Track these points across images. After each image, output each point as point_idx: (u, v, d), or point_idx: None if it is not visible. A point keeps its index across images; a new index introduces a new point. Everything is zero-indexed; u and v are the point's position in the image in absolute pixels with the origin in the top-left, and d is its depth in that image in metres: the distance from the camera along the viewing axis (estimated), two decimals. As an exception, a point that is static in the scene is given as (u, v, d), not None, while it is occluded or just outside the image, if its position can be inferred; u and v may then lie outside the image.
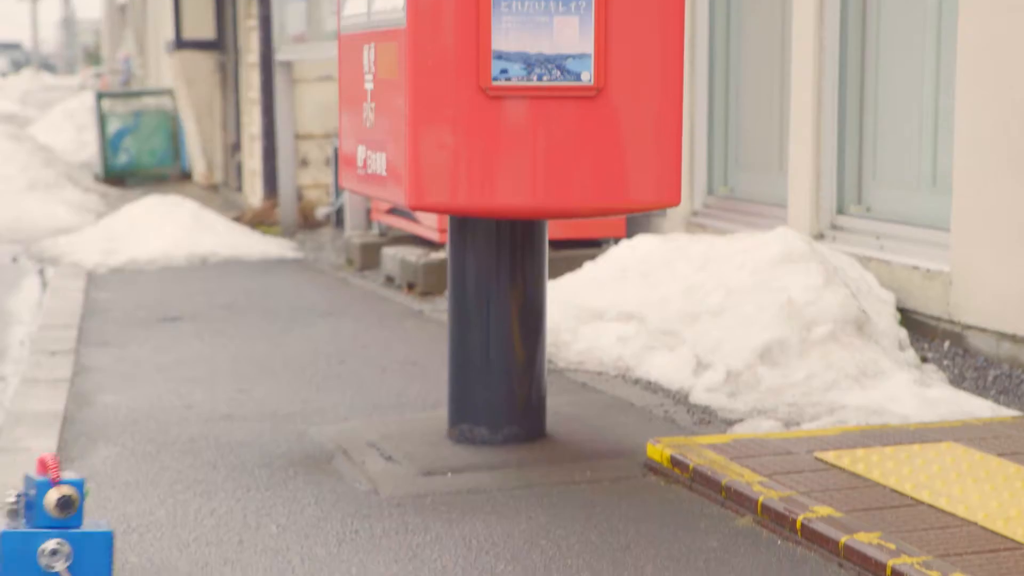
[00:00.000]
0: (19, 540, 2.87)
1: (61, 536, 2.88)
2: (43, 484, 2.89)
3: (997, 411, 5.19)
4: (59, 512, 2.88)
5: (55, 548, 2.87)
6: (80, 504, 2.91)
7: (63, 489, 2.88)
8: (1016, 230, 5.84)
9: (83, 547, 2.89)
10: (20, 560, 2.86)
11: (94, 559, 2.91)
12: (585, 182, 4.44)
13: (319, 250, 10.91)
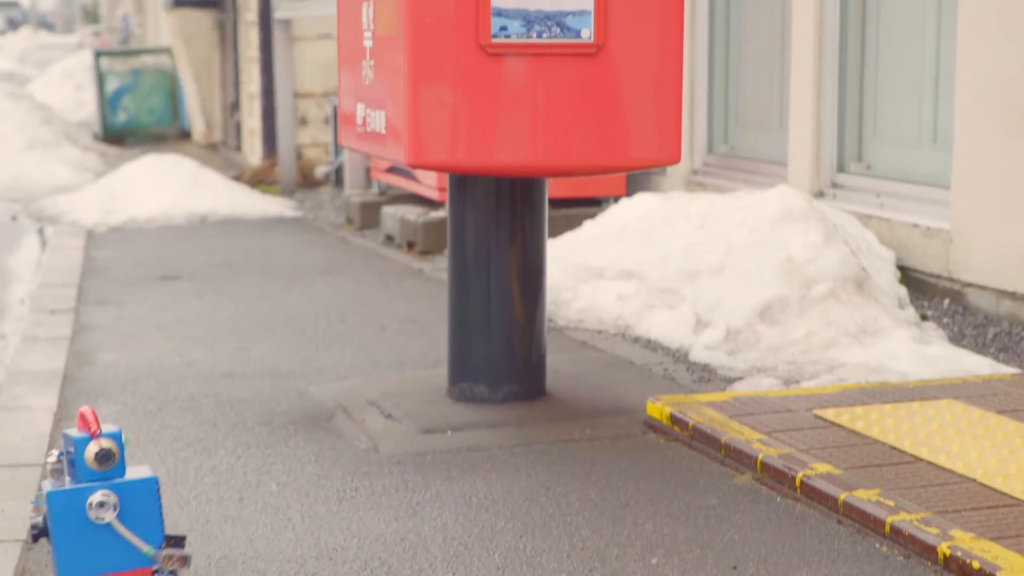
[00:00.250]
0: (66, 497, 2.89)
1: (106, 488, 2.90)
2: (82, 440, 2.91)
3: (996, 368, 5.20)
4: (100, 465, 2.90)
5: (102, 500, 2.89)
6: (120, 455, 2.91)
7: (102, 442, 2.90)
8: (1017, 187, 5.82)
9: (129, 495, 2.92)
10: (69, 517, 2.88)
11: (142, 506, 2.93)
12: (585, 140, 4.42)
13: (318, 209, 10.90)
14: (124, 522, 2.92)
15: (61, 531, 2.89)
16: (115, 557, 2.92)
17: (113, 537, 2.91)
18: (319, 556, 3.41)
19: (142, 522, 2.93)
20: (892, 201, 6.82)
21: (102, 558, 2.91)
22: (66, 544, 2.90)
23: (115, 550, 2.92)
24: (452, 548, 3.46)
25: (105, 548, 2.91)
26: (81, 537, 2.90)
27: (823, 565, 3.30)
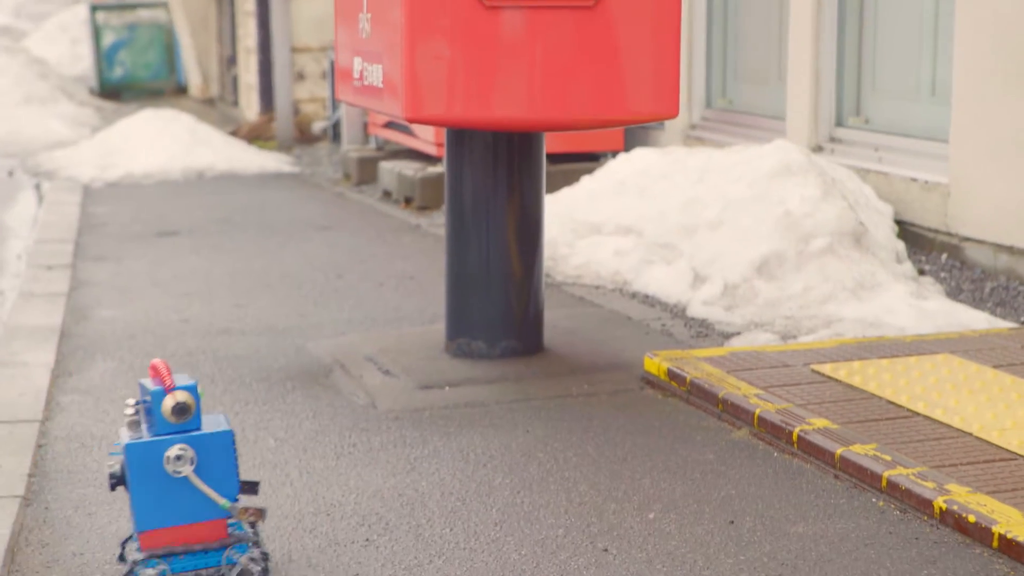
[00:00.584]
0: (143, 449, 2.92)
1: (183, 441, 2.92)
2: (157, 392, 2.93)
3: (993, 323, 5.20)
4: (176, 418, 2.92)
5: (179, 454, 2.91)
6: (196, 407, 2.94)
7: (178, 395, 2.92)
8: (1015, 141, 5.80)
9: (205, 448, 2.94)
10: (147, 469, 2.91)
11: (218, 458, 2.96)
12: (583, 94, 4.40)
13: (316, 164, 10.87)
14: (200, 474, 2.94)
15: (138, 482, 2.92)
16: (191, 508, 2.95)
17: (189, 489, 2.94)
18: (317, 511, 3.42)
19: (218, 474, 2.96)
20: (890, 155, 6.80)
21: (178, 509, 2.95)
22: (143, 495, 2.93)
23: (191, 502, 2.95)
24: (449, 503, 3.47)
25: (181, 499, 2.94)
26: (158, 488, 2.93)
27: (820, 519, 3.31)
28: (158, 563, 2.94)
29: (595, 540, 3.20)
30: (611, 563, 3.07)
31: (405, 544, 3.20)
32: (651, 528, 3.27)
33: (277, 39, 11.97)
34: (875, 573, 2.99)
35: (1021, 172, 5.77)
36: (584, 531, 3.26)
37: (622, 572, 3.02)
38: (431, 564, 3.09)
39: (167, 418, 2.92)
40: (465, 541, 3.22)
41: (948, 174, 6.24)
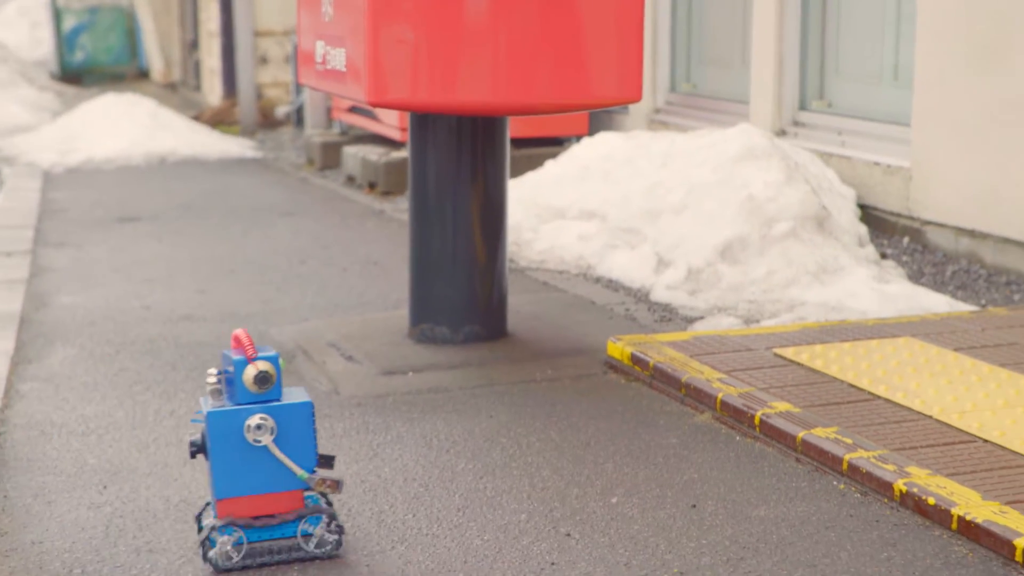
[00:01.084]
0: (224, 418, 2.95)
1: (263, 411, 2.96)
2: (240, 362, 2.95)
3: (954, 306, 5.23)
4: (258, 387, 2.96)
5: (260, 423, 2.95)
6: (277, 378, 2.97)
7: (260, 365, 2.95)
8: (976, 125, 5.83)
9: (285, 418, 2.97)
10: (228, 437, 2.95)
11: (297, 429, 2.99)
12: (546, 78, 4.39)
13: (279, 149, 10.82)
14: (279, 444, 2.97)
15: (219, 450, 2.96)
16: (269, 478, 2.99)
17: (268, 458, 2.97)
18: (279, 498, 3.40)
19: (296, 445, 2.99)
20: (853, 139, 6.82)
21: (257, 478, 2.98)
22: (223, 462, 2.96)
23: (270, 471, 2.98)
24: (412, 489, 3.46)
25: (260, 469, 2.98)
26: (237, 456, 2.96)
27: (781, 503, 3.32)
28: (235, 531, 2.98)
29: (558, 525, 3.21)
30: (573, 547, 3.07)
31: (367, 530, 3.20)
32: (614, 513, 3.28)
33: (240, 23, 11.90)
34: (836, 555, 3.00)
35: (982, 156, 5.80)
36: (547, 516, 3.26)
37: (584, 557, 3.02)
38: (393, 550, 3.08)
39: (248, 387, 2.95)
40: (428, 527, 3.21)
41: (910, 158, 6.27)
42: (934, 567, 2.93)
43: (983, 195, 5.81)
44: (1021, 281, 5.61)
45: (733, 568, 2.95)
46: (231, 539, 2.97)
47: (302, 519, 3.02)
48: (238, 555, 2.98)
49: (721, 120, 7.60)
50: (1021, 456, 3.41)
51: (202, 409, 2.99)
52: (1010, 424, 3.64)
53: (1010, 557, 2.91)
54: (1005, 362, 4.23)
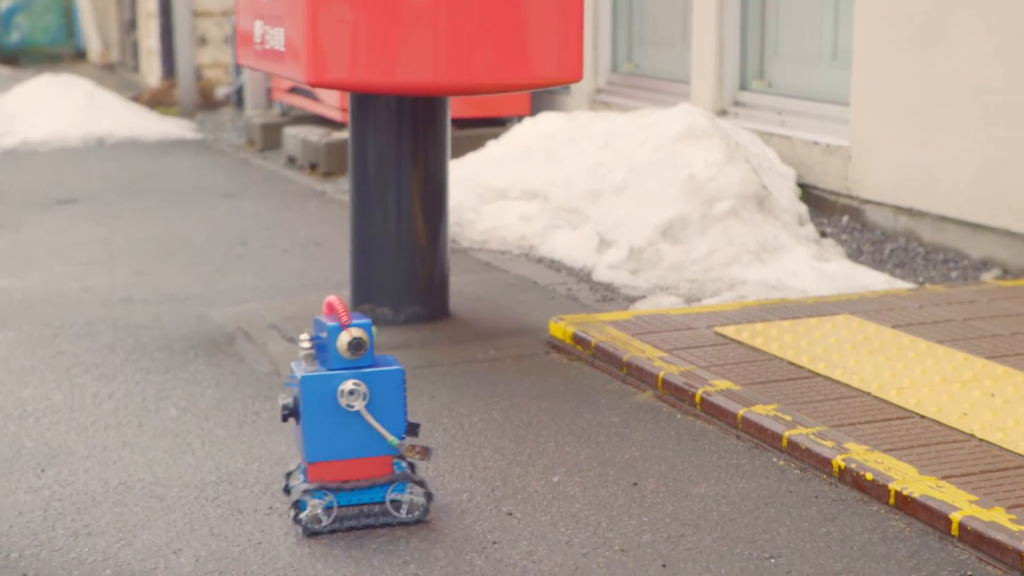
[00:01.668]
0: (318, 382, 3.01)
1: (356, 376, 3.01)
2: (334, 328, 3.01)
3: (892, 284, 5.28)
4: (351, 354, 3.01)
5: (353, 388, 3.00)
6: (370, 345, 3.02)
7: (353, 331, 3.00)
8: (913, 105, 5.88)
9: (377, 385, 3.03)
10: (321, 401, 3.01)
11: (388, 396, 3.04)
12: (487, 57, 4.38)
13: (219, 131, 10.74)
14: (370, 410, 3.02)
15: (311, 414, 3.01)
16: (360, 443, 3.04)
17: (359, 424, 3.02)
18: (219, 480, 3.39)
19: (387, 412, 3.05)
20: (793, 119, 6.86)
21: (347, 443, 3.04)
22: (315, 427, 3.02)
23: (360, 436, 3.04)
24: (354, 470, 3.45)
25: (351, 434, 3.03)
26: (330, 421, 3.02)
27: (721, 480, 3.34)
28: (326, 495, 3.03)
29: (499, 504, 3.21)
30: (515, 526, 3.08)
31: (309, 511, 3.18)
32: (555, 491, 3.28)
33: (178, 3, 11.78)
34: (775, 531, 3.02)
35: (919, 135, 5.85)
36: (489, 495, 3.27)
37: (526, 535, 3.03)
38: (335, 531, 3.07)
39: (342, 353, 3.00)
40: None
41: (849, 137, 6.32)
42: (872, 542, 2.96)
43: (921, 174, 5.86)
44: (958, 259, 5.67)
45: (674, 545, 2.96)
46: (322, 502, 3.02)
47: (391, 485, 3.07)
48: (328, 518, 3.03)
49: (662, 100, 7.62)
50: (957, 431, 3.45)
51: (295, 374, 3.04)
52: (946, 400, 3.68)
53: (946, 531, 2.94)
54: (942, 339, 4.27)
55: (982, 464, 3.22)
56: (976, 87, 5.51)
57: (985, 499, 3.00)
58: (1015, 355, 4.08)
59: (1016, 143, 5.35)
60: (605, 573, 2.83)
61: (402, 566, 2.88)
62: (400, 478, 3.08)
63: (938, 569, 2.81)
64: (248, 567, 2.88)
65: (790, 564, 2.85)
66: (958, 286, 5.00)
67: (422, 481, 3.11)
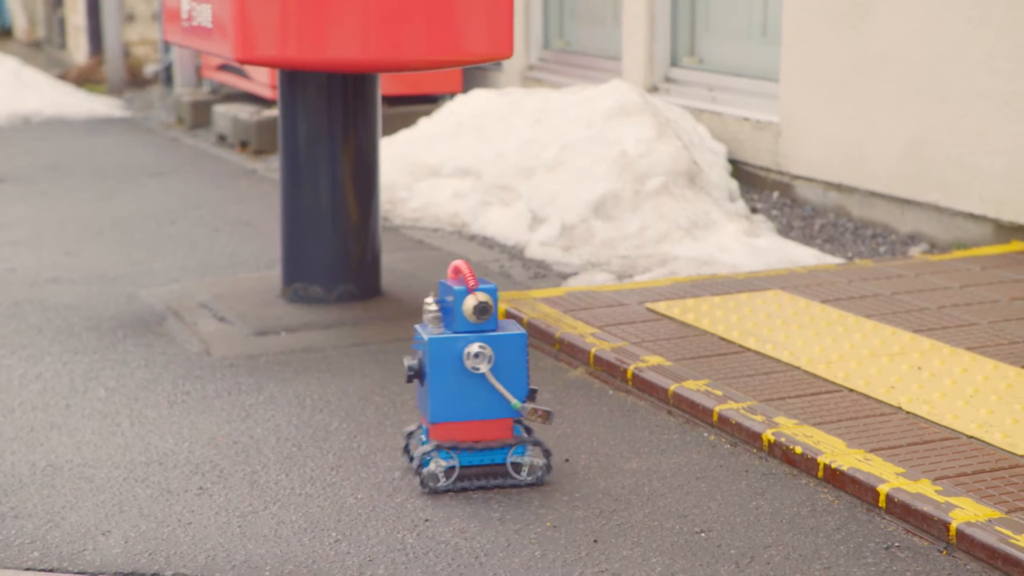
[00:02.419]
0: (445, 344, 3.07)
1: (481, 340, 3.07)
2: (461, 292, 3.07)
3: (822, 259, 5.32)
4: (477, 318, 3.07)
5: (479, 351, 3.06)
6: (494, 309, 3.07)
7: (479, 296, 3.06)
8: (841, 81, 5.92)
9: (501, 348, 3.09)
10: (447, 363, 3.07)
11: (511, 359, 3.10)
12: (416, 34, 4.36)
13: (148, 108, 10.62)
14: (494, 373, 3.08)
15: (437, 375, 3.08)
16: (483, 405, 3.11)
17: (483, 386, 3.10)
18: (149, 461, 3.36)
19: (510, 375, 3.11)
20: (723, 95, 6.89)
21: (471, 405, 3.11)
22: (441, 387, 3.09)
23: (484, 399, 3.11)
24: (285, 449, 3.43)
25: (475, 396, 3.11)
26: (455, 383, 3.09)
27: (653, 455, 3.36)
28: (450, 454, 3.10)
29: (432, 482, 3.21)
30: (448, 504, 3.08)
31: (240, 491, 3.17)
32: (488, 468, 3.29)
33: (105, -21, 11.63)
34: (706, 506, 3.04)
35: (849, 111, 5.90)
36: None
37: (458, 513, 3.03)
38: (266, 510, 3.06)
39: (467, 317, 3.07)
40: (301, 486, 3.19)
41: (779, 113, 6.35)
42: (801, 515, 2.99)
43: (849, 149, 5.91)
44: (887, 233, 5.73)
45: (606, 520, 2.97)
46: (446, 463, 3.10)
47: (512, 447, 3.13)
48: (450, 478, 3.11)
49: (594, 77, 7.63)
50: (885, 404, 3.49)
51: (421, 336, 3.11)
52: (874, 373, 3.72)
53: (874, 503, 2.98)
54: (870, 313, 4.32)
55: (909, 436, 3.26)
56: (904, 63, 5.57)
57: (912, 471, 3.04)
58: (942, 329, 4.13)
59: (944, 119, 5.41)
60: (537, 549, 2.84)
61: (334, 544, 2.87)
62: (520, 441, 3.14)
63: (866, 541, 2.85)
64: (177, 547, 2.86)
65: (720, 538, 2.88)
66: (886, 261, 5.05)
67: (541, 443, 3.16)
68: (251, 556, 2.83)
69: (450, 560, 2.79)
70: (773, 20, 6.58)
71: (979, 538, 2.71)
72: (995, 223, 5.26)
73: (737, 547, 2.83)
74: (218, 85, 9.66)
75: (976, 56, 5.22)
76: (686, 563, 2.76)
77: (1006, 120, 5.13)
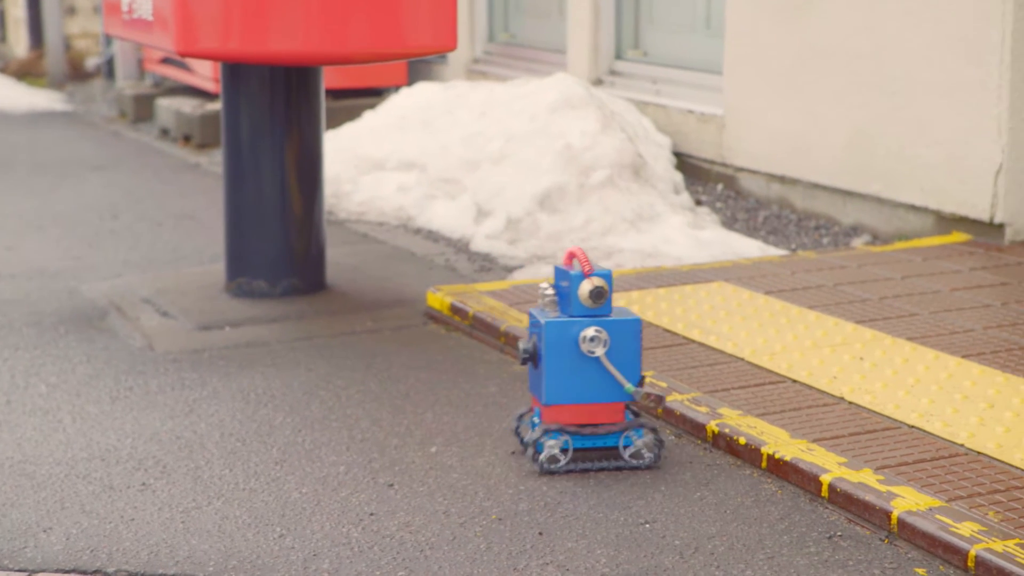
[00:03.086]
0: (561, 328, 3.11)
1: (596, 324, 3.10)
2: (576, 276, 3.10)
3: (766, 251, 5.35)
4: (593, 302, 3.10)
5: (595, 335, 3.09)
6: (609, 294, 3.10)
7: (595, 281, 3.09)
8: (784, 73, 5.96)
9: (616, 333, 3.12)
10: (562, 346, 3.10)
11: (625, 344, 3.13)
12: (360, 27, 4.34)
13: (90, 102, 10.53)
14: (609, 358, 3.11)
15: (553, 358, 3.11)
16: (596, 389, 3.14)
17: (597, 370, 3.12)
18: (91, 457, 3.33)
19: (624, 360, 3.13)
20: (668, 88, 6.91)
21: (585, 388, 3.14)
22: (556, 370, 3.12)
23: (597, 382, 3.13)
24: (229, 444, 3.42)
25: (588, 379, 3.13)
26: (570, 366, 3.12)
27: (598, 447, 3.37)
28: (562, 436, 3.14)
29: (377, 475, 3.20)
30: (393, 498, 3.07)
31: (183, 487, 3.15)
32: (433, 462, 3.28)
33: (46, -28, 11.51)
34: (650, 497, 3.05)
35: (792, 103, 5.94)
36: (366, 467, 3.25)
37: (404, 506, 3.02)
38: (210, 506, 3.04)
39: (583, 302, 3.10)
40: (245, 481, 3.18)
41: (723, 106, 6.38)
42: (745, 505, 3.00)
43: (793, 142, 5.95)
44: (830, 225, 5.77)
45: (551, 513, 2.98)
46: (558, 443, 3.14)
47: (626, 431, 3.17)
48: (564, 459, 3.15)
49: (539, 70, 7.63)
50: (827, 395, 3.52)
51: (537, 319, 3.14)
52: (817, 364, 3.75)
53: (816, 493, 3.00)
54: (813, 304, 4.35)
55: (851, 426, 3.29)
56: (846, 55, 5.60)
57: (854, 461, 3.07)
58: (883, 319, 4.17)
59: (885, 111, 5.45)
60: (482, 542, 2.84)
61: (278, 539, 2.86)
62: (634, 425, 3.17)
63: (809, 530, 2.87)
64: (120, 544, 2.84)
65: (664, 529, 2.89)
66: (829, 252, 5.08)
67: (656, 428, 3.18)
68: (195, 552, 2.81)
69: (395, 554, 2.79)
70: (717, 13, 6.61)
71: (920, 526, 2.74)
72: (936, 214, 5.31)
73: (681, 538, 2.84)
74: (161, 78, 9.59)
75: (916, 48, 5.27)
76: (631, 554, 2.77)
77: (946, 112, 5.18)
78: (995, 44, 4.95)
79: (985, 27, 4.98)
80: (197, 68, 8.48)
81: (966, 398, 3.45)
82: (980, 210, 5.10)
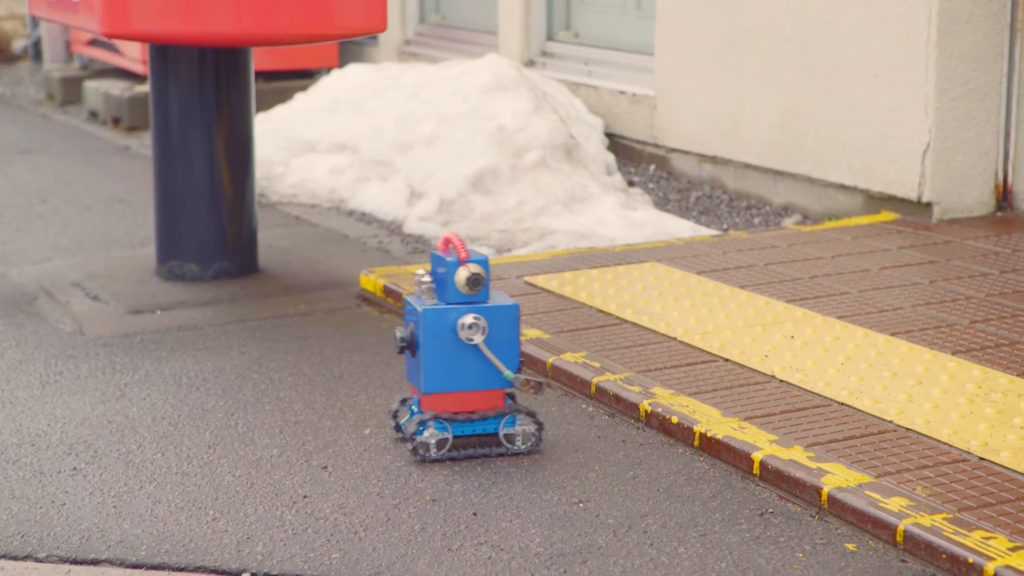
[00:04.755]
0: (439, 315, 3.09)
1: (475, 311, 3.08)
2: (453, 263, 3.08)
3: (698, 231, 5.38)
4: (469, 289, 3.08)
5: (473, 322, 3.08)
6: (486, 280, 3.08)
7: (472, 267, 3.07)
8: (715, 54, 5.99)
9: (494, 319, 3.10)
10: (440, 334, 3.09)
11: (504, 330, 3.12)
12: (289, 8, 4.31)
13: (17, 85, 10.37)
14: (487, 344, 3.09)
15: (431, 346, 3.09)
16: (475, 376, 3.13)
17: (476, 357, 3.11)
18: (21, 442, 3.29)
19: (503, 346, 3.12)
20: (600, 68, 6.93)
21: (463, 375, 3.13)
22: (434, 358, 3.10)
23: (476, 369, 3.12)
24: (161, 428, 3.39)
25: (467, 367, 3.12)
26: (447, 353, 3.10)
27: (532, 427, 3.38)
28: (443, 424, 3.13)
29: (310, 458, 3.19)
30: (326, 480, 3.06)
31: (115, 471, 3.12)
32: (366, 444, 3.28)
33: (-31, -48, 11.32)
34: (584, 476, 3.07)
35: (722, 84, 5.97)
36: (299, 450, 3.25)
37: (338, 488, 3.02)
38: (142, 490, 3.02)
39: (460, 288, 3.08)
40: (177, 465, 3.16)
41: (654, 87, 6.40)
42: (677, 483, 3.03)
43: (723, 122, 5.98)
44: (761, 205, 5.81)
45: (484, 493, 2.99)
46: (438, 433, 3.12)
47: (503, 417, 3.16)
48: (442, 449, 3.13)
49: (471, 51, 7.62)
50: (759, 373, 3.55)
51: (414, 307, 3.11)
52: (749, 343, 3.78)
53: (748, 470, 3.03)
54: (745, 284, 4.38)
55: (782, 404, 3.32)
56: (775, 36, 5.64)
57: (785, 438, 3.10)
58: (814, 298, 4.21)
59: (813, 91, 5.49)
60: (416, 523, 2.84)
61: (211, 522, 2.84)
62: (511, 410, 3.16)
63: (741, 508, 2.90)
64: (51, 529, 2.82)
65: (598, 508, 2.91)
66: (760, 232, 5.13)
67: (533, 413, 3.19)
68: (127, 536, 2.79)
69: (329, 536, 2.79)
70: (648, -6, 6.63)
71: (849, 502, 2.78)
72: (865, 193, 5.36)
73: (615, 516, 2.86)
74: (89, 60, 9.47)
75: (844, 28, 5.32)
76: (565, 533, 2.78)
77: (873, 92, 5.23)
78: (921, 24, 5.00)
79: (912, 8, 5.03)
80: (126, 50, 8.38)
81: (895, 375, 3.50)
82: (908, 189, 5.17)
